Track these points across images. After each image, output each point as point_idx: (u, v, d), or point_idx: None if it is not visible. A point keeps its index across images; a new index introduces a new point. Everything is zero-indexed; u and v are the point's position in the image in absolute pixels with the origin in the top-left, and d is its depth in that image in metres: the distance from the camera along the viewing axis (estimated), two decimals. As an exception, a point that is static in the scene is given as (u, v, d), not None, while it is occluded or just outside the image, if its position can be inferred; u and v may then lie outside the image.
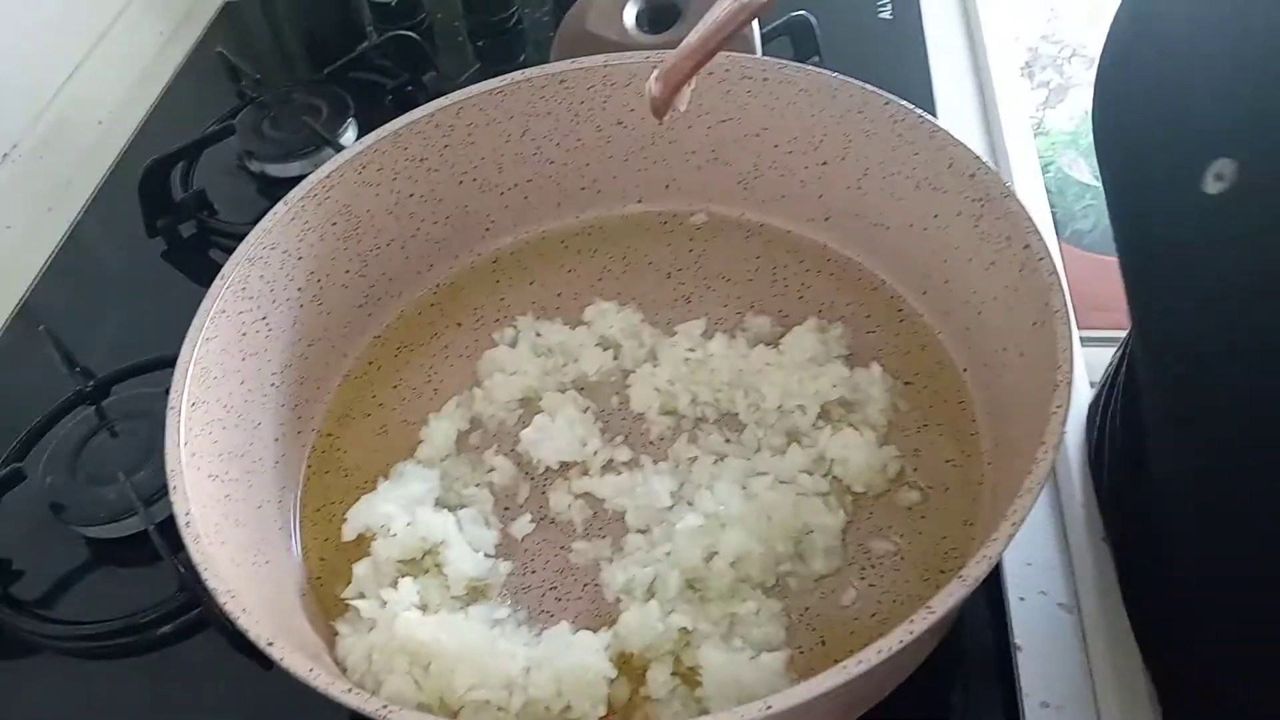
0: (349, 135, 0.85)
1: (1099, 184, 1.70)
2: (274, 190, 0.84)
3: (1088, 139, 1.71)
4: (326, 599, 0.54)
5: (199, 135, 0.86)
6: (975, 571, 0.40)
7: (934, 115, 0.81)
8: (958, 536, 0.53)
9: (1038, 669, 0.53)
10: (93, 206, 0.86)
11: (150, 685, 0.58)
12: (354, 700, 0.39)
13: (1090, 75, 0.50)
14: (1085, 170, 1.74)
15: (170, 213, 0.81)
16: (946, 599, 0.39)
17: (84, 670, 0.59)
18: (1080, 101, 1.80)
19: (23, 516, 0.64)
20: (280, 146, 0.84)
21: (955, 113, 0.83)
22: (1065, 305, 0.48)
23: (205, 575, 0.44)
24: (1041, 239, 0.50)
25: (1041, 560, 0.57)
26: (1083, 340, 0.60)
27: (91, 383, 0.69)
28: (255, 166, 0.85)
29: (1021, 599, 0.55)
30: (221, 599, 0.43)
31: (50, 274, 0.82)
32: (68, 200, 0.86)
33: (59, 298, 0.80)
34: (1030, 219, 0.51)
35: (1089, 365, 0.63)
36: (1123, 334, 0.58)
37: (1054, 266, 0.49)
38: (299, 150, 0.84)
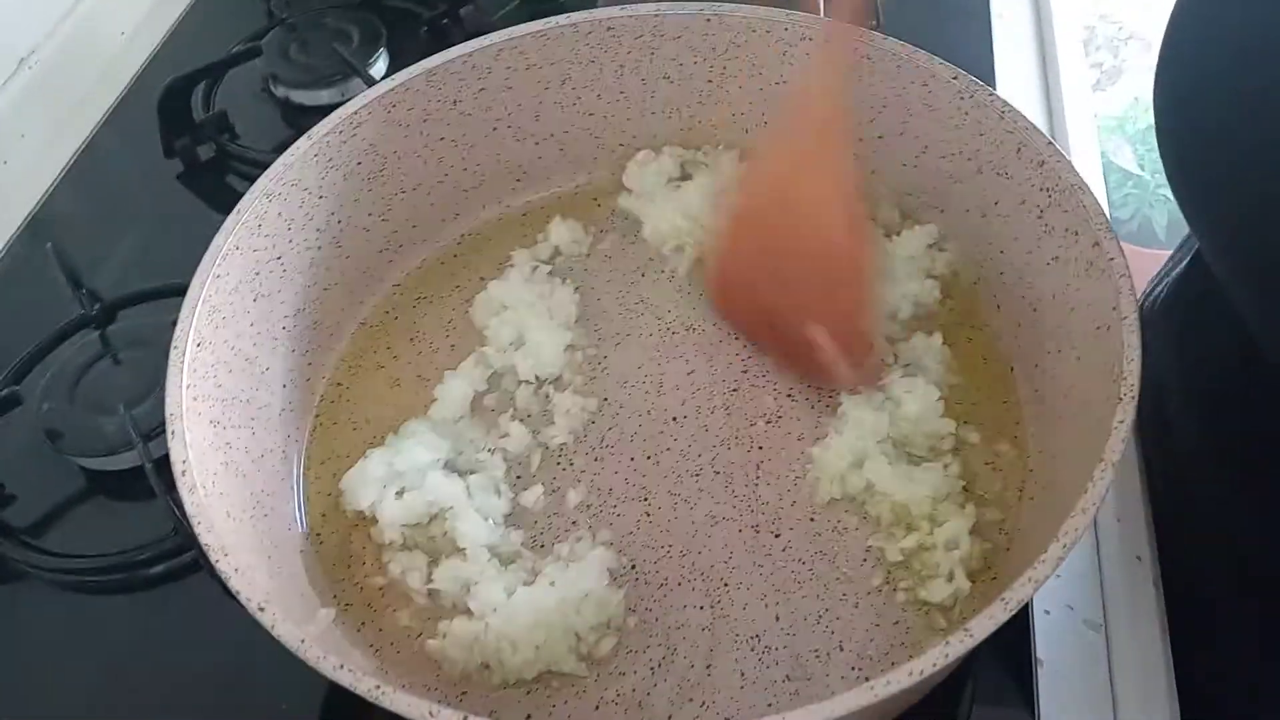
0: (379, 66, 0.82)
1: (1143, 173, 1.66)
2: (298, 118, 0.81)
3: (1135, 125, 1.67)
4: (327, 553, 0.52)
5: (224, 55, 0.83)
6: (1019, 595, 0.37)
7: (994, 88, 0.78)
8: (992, 543, 0.50)
9: (1059, 687, 0.51)
10: (110, 122, 0.83)
11: (139, 624, 0.56)
12: (345, 678, 0.37)
13: (1147, 60, 0.47)
14: (1130, 157, 1.69)
15: (189, 134, 0.78)
16: (987, 623, 0.36)
17: (72, 602, 0.57)
18: (1132, 86, 1.74)
19: (18, 442, 0.62)
20: (307, 72, 0.81)
21: (1016, 87, 0.79)
22: (1134, 312, 0.44)
23: (199, 529, 0.41)
24: (1114, 238, 0.47)
25: (1071, 573, 0.55)
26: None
27: (97, 306, 0.67)
28: (280, 92, 0.81)
29: (1047, 612, 0.53)
30: (214, 555, 0.40)
31: (62, 188, 0.78)
32: (85, 113, 0.83)
33: (70, 214, 0.77)
34: (1103, 214, 0.48)
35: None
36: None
37: (1125, 268, 0.46)
38: (326, 78, 0.80)
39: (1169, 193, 1.60)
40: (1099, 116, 1.61)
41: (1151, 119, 0.48)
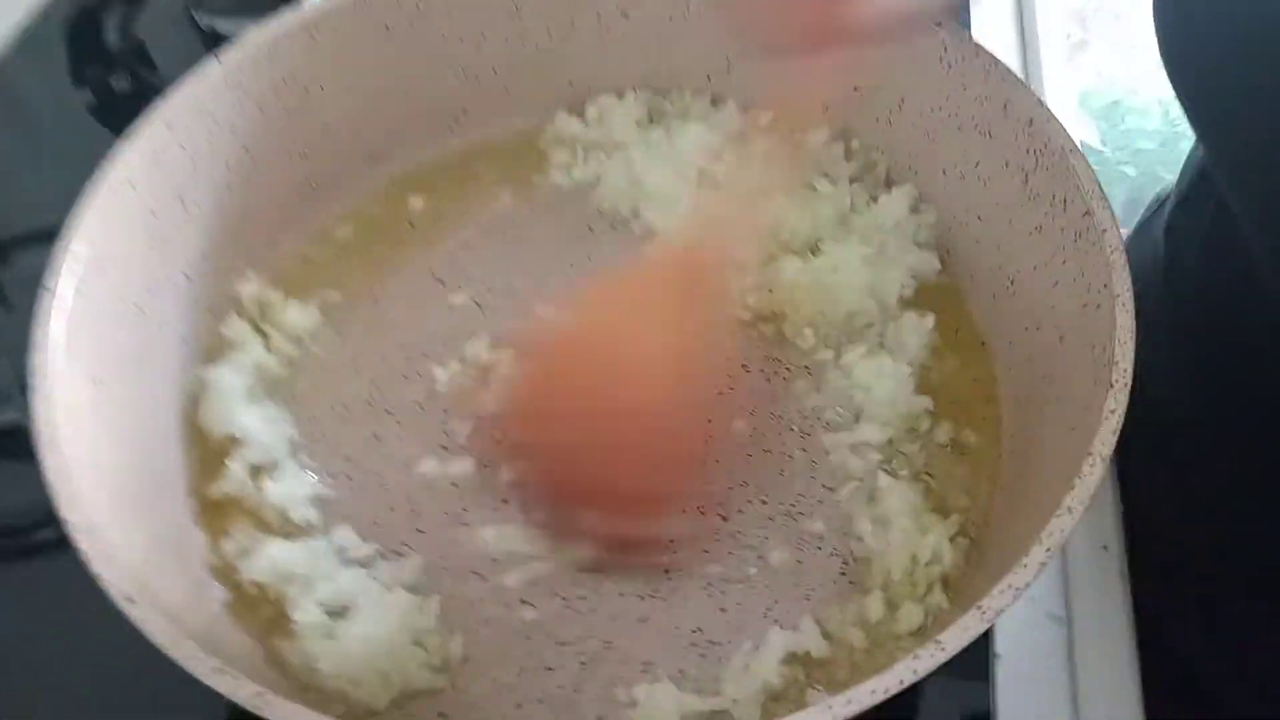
0: (313, -7, 0.75)
1: (1104, 149, 1.63)
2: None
3: (1098, 101, 1.63)
4: (221, 514, 0.46)
5: (142, -24, 0.76)
6: (997, 604, 0.33)
7: (969, 29, 0.73)
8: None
9: (1018, 682, 0.47)
10: (19, 47, 0.75)
11: (22, 596, 0.50)
12: (223, 684, 0.32)
13: (1113, 35, 0.44)
14: (1093, 133, 1.66)
15: (101, 62, 0.72)
16: (961, 635, 0.32)
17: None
18: (1095, 60, 1.71)
19: (-112, 393, 0.56)
20: (233, -1, 0.74)
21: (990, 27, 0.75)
22: (1128, 290, 0.40)
23: (60, 502, 0.36)
24: (1108, 207, 0.43)
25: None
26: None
27: (-11, 246, 0.61)
28: (204, 20, 0.75)
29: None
30: (76, 534, 0.35)
31: (-40, 117, 0.72)
32: (-14, 33, 0.76)
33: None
34: (1095, 182, 0.43)
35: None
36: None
37: (1119, 241, 0.42)
38: (255, 5, 0.73)
39: (1129, 169, 1.58)
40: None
41: (1115, 95, 0.45)
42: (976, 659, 0.48)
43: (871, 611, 0.43)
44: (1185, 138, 1.52)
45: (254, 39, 0.51)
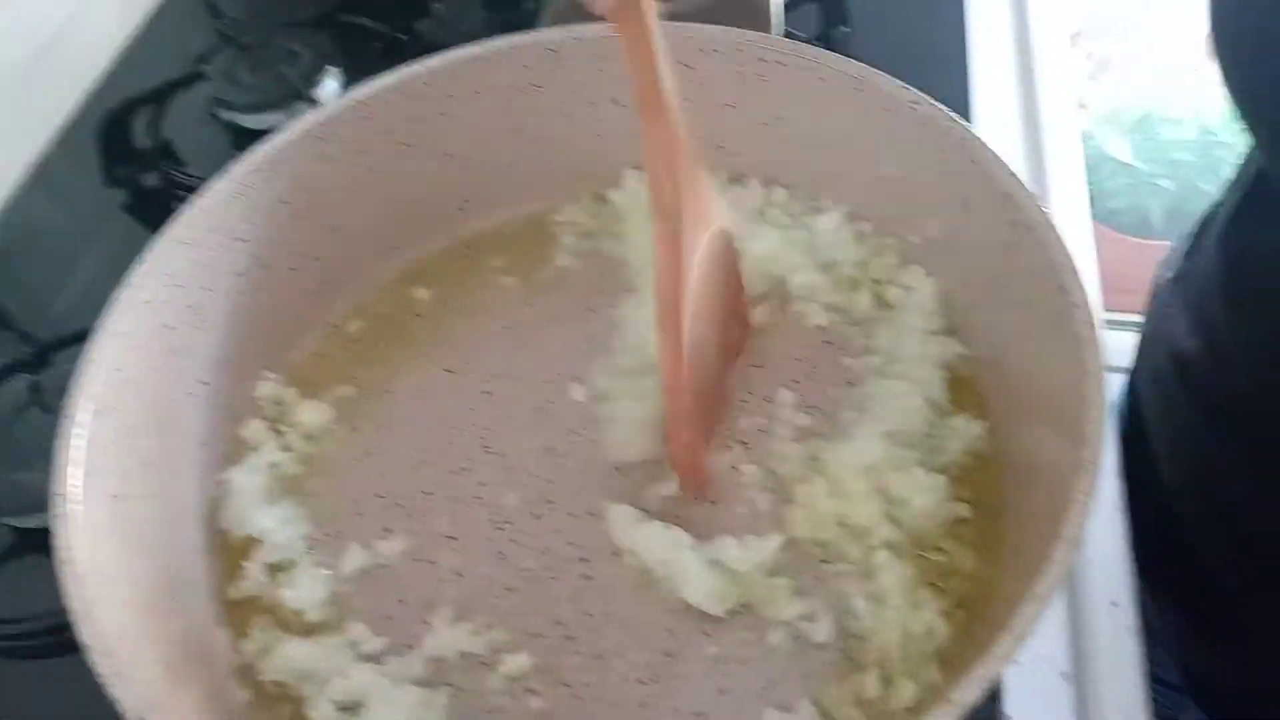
0: (329, 86, 0.78)
1: (1137, 164, 1.61)
2: (248, 144, 0.77)
3: (1131, 115, 1.61)
4: (243, 614, 0.48)
5: (166, 80, 0.79)
6: (964, 696, 0.33)
7: (968, 89, 0.74)
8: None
9: (1028, 744, 0.47)
10: (56, 150, 0.80)
11: (82, 689, 0.53)
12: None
13: (1141, 49, 0.43)
14: (1126, 149, 1.64)
15: (134, 162, 0.75)
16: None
17: (5, 669, 0.54)
18: (1128, 76, 1.69)
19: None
20: (254, 95, 0.77)
21: (993, 89, 0.75)
22: (1100, 369, 0.40)
23: (80, 626, 0.38)
24: (1080, 282, 0.43)
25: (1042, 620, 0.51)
26: (1107, 324, 0.51)
27: (28, 350, 0.64)
28: (226, 116, 0.78)
29: (1016, 663, 0.49)
30: (95, 660, 0.37)
31: (4, 220, 0.76)
32: (28, 141, 0.80)
33: (10, 249, 0.74)
34: (1070, 256, 0.44)
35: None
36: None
37: (1090, 318, 0.42)
38: (273, 101, 0.77)
39: (1166, 182, 1.55)
40: (1088, 107, 1.56)
41: (1147, 110, 0.44)
42: None
43: (868, 689, 0.43)
44: (1223, 146, 1.49)
45: (260, 153, 0.54)
